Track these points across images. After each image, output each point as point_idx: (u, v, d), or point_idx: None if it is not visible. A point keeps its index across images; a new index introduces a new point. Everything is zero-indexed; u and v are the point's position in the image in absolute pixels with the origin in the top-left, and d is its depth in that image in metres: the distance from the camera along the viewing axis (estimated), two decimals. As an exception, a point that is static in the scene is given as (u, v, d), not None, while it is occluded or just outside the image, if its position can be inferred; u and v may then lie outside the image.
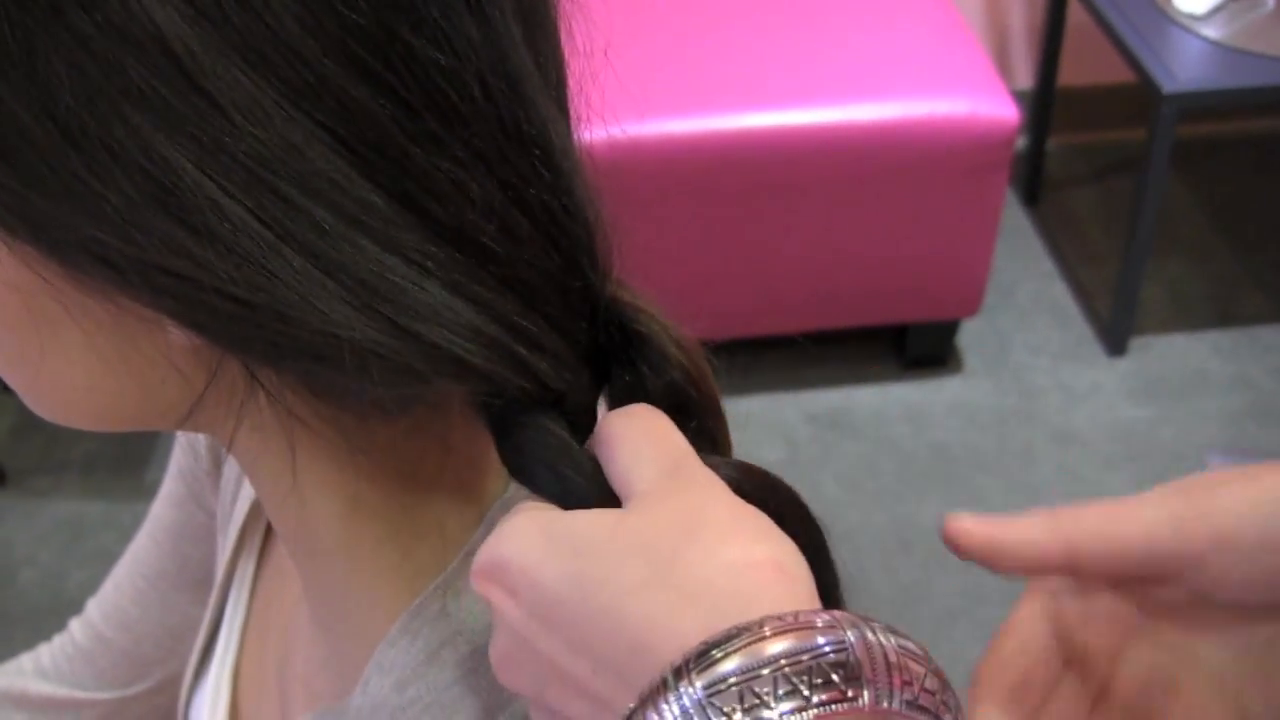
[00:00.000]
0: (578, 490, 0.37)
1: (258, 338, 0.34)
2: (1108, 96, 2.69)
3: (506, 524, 0.36)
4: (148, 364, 0.38)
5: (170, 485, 0.68)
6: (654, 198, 1.91)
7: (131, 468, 2.09)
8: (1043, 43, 2.49)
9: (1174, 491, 0.36)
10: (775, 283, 2.06)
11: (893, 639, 0.30)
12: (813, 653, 0.29)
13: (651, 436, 0.37)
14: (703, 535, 0.33)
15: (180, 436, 0.65)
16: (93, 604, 0.72)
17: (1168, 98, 1.93)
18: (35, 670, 0.72)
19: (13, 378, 0.41)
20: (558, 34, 0.38)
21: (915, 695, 0.30)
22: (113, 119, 0.31)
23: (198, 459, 0.65)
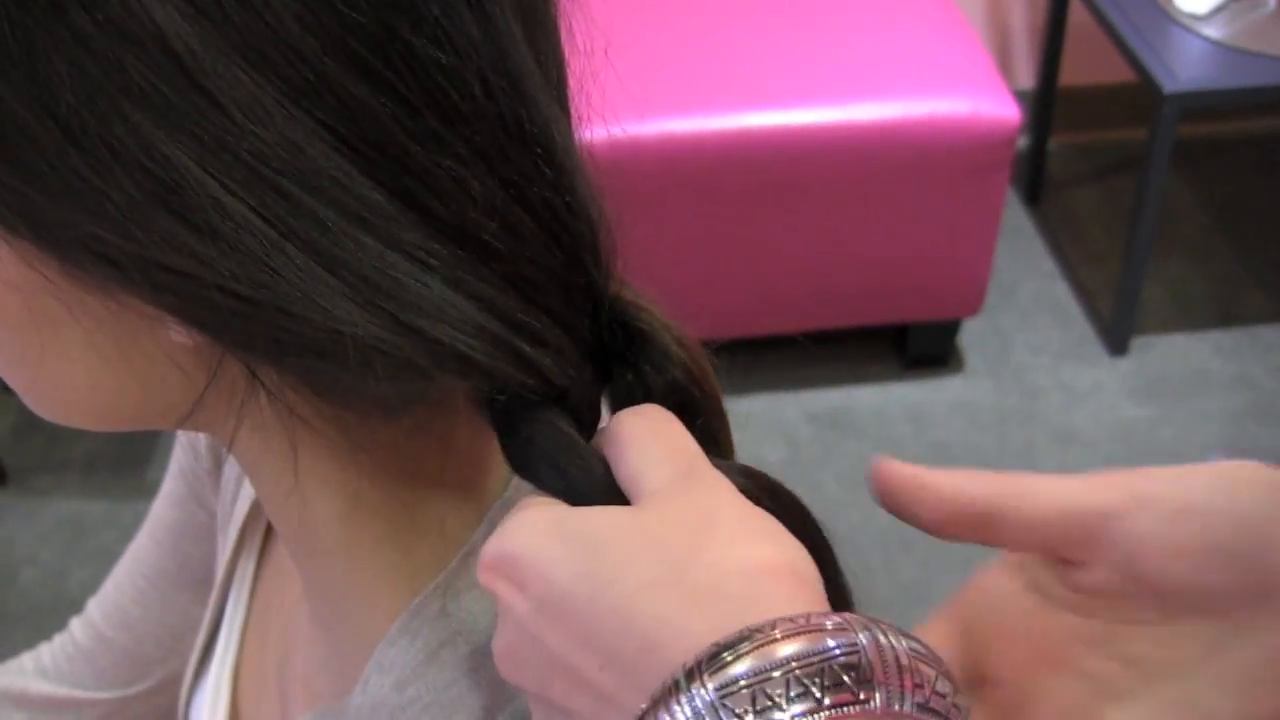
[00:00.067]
0: (585, 487, 0.37)
1: (260, 335, 0.34)
2: (1109, 96, 2.69)
3: (515, 518, 0.36)
4: (148, 363, 0.38)
5: (171, 484, 0.68)
6: (654, 197, 1.91)
7: (133, 467, 2.09)
8: (1044, 42, 2.49)
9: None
10: (776, 282, 2.06)
11: (904, 641, 0.30)
12: (824, 655, 0.29)
13: (662, 437, 0.37)
14: (715, 537, 0.33)
15: (181, 435, 0.65)
16: (93, 603, 0.72)
17: (1169, 97, 1.93)
18: (36, 669, 0.72)
19: (13, 378, 0.41)
20: (558, 32, 0.38)
21: (926, 698, 0.30)
22: (113, 117, 0.31)
23: (198, 458, 0.65)
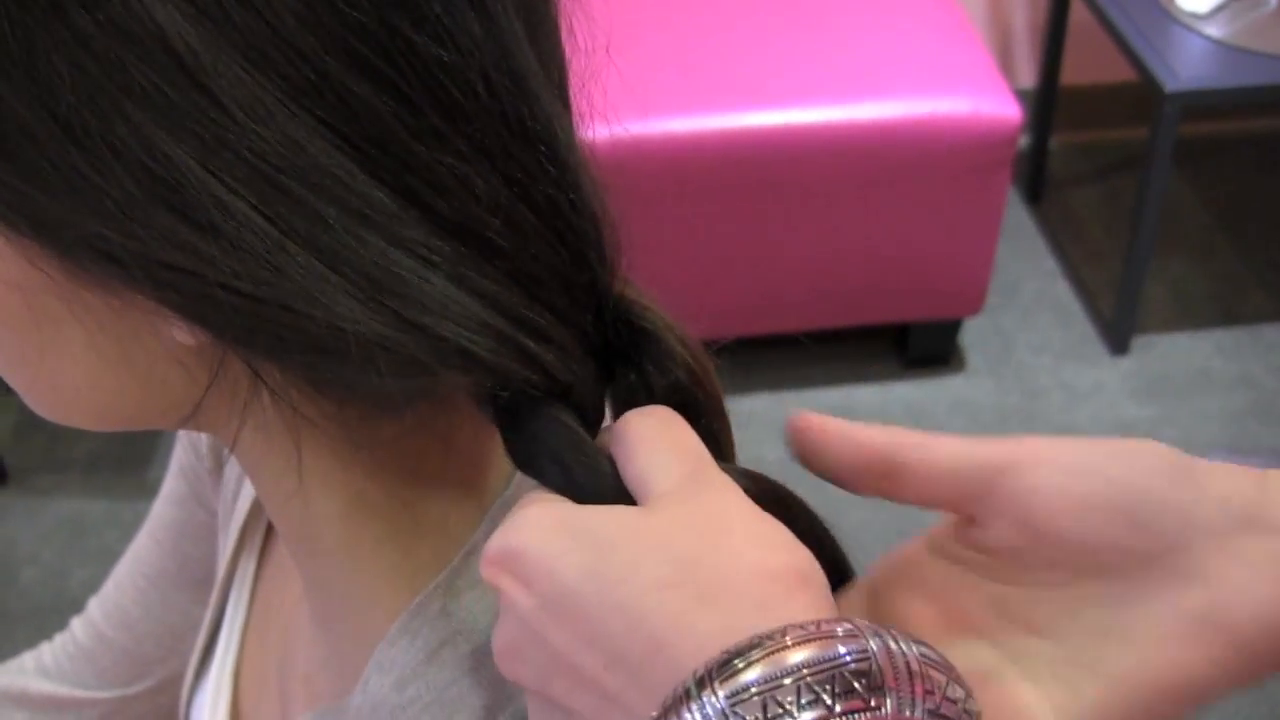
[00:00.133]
0: (591, 485, 0.37)
1: (262, 331, 0.34)
2: (1110, 95, 2.68)
3: (520, 513, 0.36)
4: (150, 362, 0.38)
5: (172, 483, 0.68)
6: (656, 196, 1.91)
7: (134, 466, 2.09)
8: (1045, 42, 2.49)
9: None
10: (777, 281, 2.06)
11: (914, 647, 0.30)
12: (835, 661, 0.29)
13: (671, 438, 0.37)
14: (725, 540, 0.33)
15: (182, 434, 0.65)
16: (94, 603, 0.72)
17: (1170, 96, 1.93)
18: (37, 669, 0.72)
19: (13, 377, 0.41)
20: (558, 31, 0.38)
21: (937, 704, 0.29)
22: (114, 117, 0.31)
23: (199, 457, 0.65)
